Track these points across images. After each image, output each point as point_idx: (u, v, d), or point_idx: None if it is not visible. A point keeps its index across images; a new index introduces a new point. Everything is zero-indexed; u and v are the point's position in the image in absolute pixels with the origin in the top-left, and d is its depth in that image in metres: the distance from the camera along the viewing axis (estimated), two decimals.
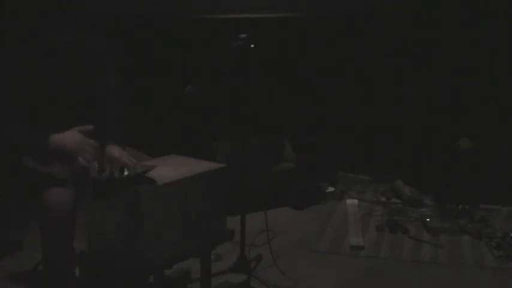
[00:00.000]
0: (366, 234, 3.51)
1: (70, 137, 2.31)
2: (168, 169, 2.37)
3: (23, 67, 2.36)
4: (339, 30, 4.21)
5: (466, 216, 3.63)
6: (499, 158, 3.89)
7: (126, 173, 2.30)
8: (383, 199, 4.01)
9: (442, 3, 4.09)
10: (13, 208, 3.40)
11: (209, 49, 4.14)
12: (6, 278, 2.94)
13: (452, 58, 4.08)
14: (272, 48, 3.96)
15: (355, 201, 4.00)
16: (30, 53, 2.37)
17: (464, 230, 3.50)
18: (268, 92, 4.19)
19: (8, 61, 2.37)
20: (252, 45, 2.77)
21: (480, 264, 3.15)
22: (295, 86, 4.33)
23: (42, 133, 2.30)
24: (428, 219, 3.59)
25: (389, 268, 3.13)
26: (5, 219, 3.39)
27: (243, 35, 2.78)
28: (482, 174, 3.82)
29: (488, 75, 4.00)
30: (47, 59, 2.39)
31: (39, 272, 2.85)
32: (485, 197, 3.79)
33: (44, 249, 2.33)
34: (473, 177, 3.80)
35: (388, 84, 4.23)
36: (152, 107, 4.29)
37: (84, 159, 2.28)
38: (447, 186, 3.85)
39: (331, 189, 4.10)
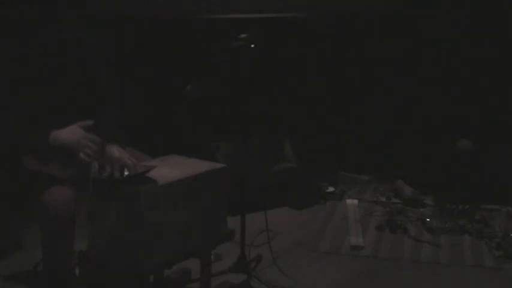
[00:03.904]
0: (366, 234, 3.51)
1: (70, 133, 2.30)
2: (168, 169, 2.37)
3: (23, 67, 2.36)
4: (338, 30, 4.20)
5: (466, 216, 3.63)
6: (499, 158, 3.89)
7: (126, 173, 2.30)
8: (383, 199, 4.01)
9: (442, 3, 4.09)
10: (13, 208, 3.39)
11: (209, 49, 4.14)
12: (6, 278, 2.94)
13: (452, 58, 4.08)
14: (272, 48, 3.96)
15: (355, 201, 4.00)
16: (30, 53, 2.37)
17: (464, 230, 3.50)
18: (268, 91, 4.19)
19: (8, 61, 2.37)
20: (252, 45, 2.77)
21: (480, 264, 3.15)
22: (295, 86, 4.33)
23: (42, 131, 2.30)
24: (428, 219, 3.59)
25: (389, 268, 3.13)
26: (5, 219, 3.38)
27: (243, 35, 2.78)
28: (482, 174, 3.82)
29: (488, 76, 4.00)
30: (47, 59, 2.39)
31: (39, 272, 2.85)
32: (485, 197, 3.79)
33: (44, 249, 2.33)
34: (473, 177, 3.80)
35: (389, 84, 4.23)
36: (152, 107, 4.29)
37: (85, 154, 2.27)
38: (447, 186, 3.85)
39: (331, 189, 4.10)
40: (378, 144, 4.23)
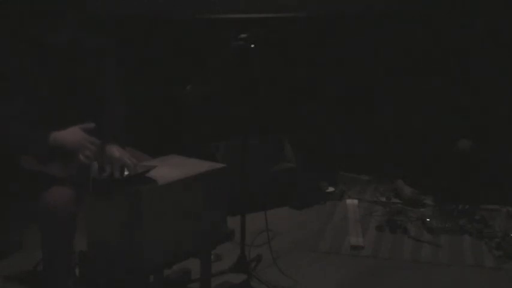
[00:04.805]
0: (366, 234, 3.51)
1: (71, 134, 2.30)
2: (168, 169, 2.38)
3: (22, 68, 2.36)
4: (338, 30, 4.21)
5: (466, 216, 3.63)
6: (499, 158, 3.89)
7: (126, 173, 2.30)
8: (383, 199, 4.01)
9: (442, 4, 4.09)
10: (13, 208, 3.40)
11: (209, 49, 4.14)
12: (6, 278, 2.94)
13: (451, 58, 4.08)
14: (272, 48, 3.96)
15: (355, 201, 4.00)
16: (31, 54, 2.37)
17: (464, 230, 3.50)
18: (269, 91, 4.19)
19: (7, 62, 2.37)
20: (252, 45, 2.77)
21: (480, 264, 3.15)
22: (296, 86, 4.33)
23: (42, 132, 2.30)
24: (428, 219, 3.59)
25: (389, 268, 3.13)
26: (5, 219, 3.38)
27: (243, 35, 2.79)
28: (482, 174, 3.82)
29: (487, 75, 4.00)
30: (47, 59, 2.39)
31: (39, 272, 2.85)
32: (485, 197, 3.79)
33: (44, 249, 2.33)
34: (473, 177, 3.80)
35: (388, 84, 4.23)
36: (152, 107, 4.29)
37: (84, 156, 2.27)
38: (447, 186, 3.85)
39: (331, 189, 4.10)
40: (378, 144, 4.24)
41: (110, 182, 2.27)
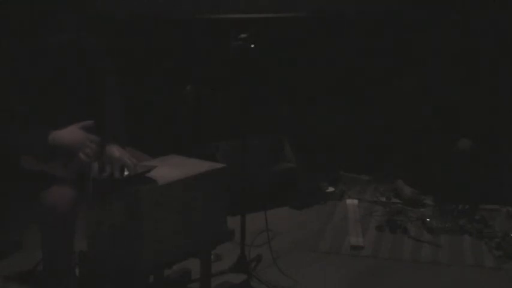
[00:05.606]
0: (366, 234, 3.51)
1: (70, 133, 2.30)
2: (168, 169, 2.38)
3: (22, 68, 2.36)
4: (338, 30, 4.21)
5: (466, 216, 3.63)
6: (499, 158, 3.89)
7: (126, 173, 2.30)
8: (383, 199, 4.01)
9: (442, 4, 4.09)
10: (13, 208, 3.40)
11: (209, 49, 4.14)
12: (6, 278, 2.94)
13: (451, 58, 4.08)
14: (272, 48, 3.96)
15: (355, 201, 4.00)
16: (30, 54, 2.37)
17: (464, 230, 3.50)
18: (269, 91, 4.19)
19: (8, 62, 2.37)
20: (252, 45, 2.77)
21: (480, 264, 3.15)
22: (295, 86, 4.33)
23: (42, 132, 2.30)
24: (428, 219, 3.59)
25: (389, 268, 3.13)
26: (5, 219, 3.38)
27: (243, 35, 2.79)
28: (482, 174, 3.82)
29: (487, 75, 4.00)
30: (47, 59, 2.39)
31: (39, 272, 2.85)
32: (485, 197, 3.79)
33: (44, 249, 2.33)
34: (473, 177, 3.80)
35: (388, 84, 4.23)
36: (152, 107, 4.29)
37: (85, 155, 2.27)
38: (447, 186, 3.85)
39: (331, 189, 4.10)
40: (378, 144, 4.24)
41: (110, 182, 2.27)
